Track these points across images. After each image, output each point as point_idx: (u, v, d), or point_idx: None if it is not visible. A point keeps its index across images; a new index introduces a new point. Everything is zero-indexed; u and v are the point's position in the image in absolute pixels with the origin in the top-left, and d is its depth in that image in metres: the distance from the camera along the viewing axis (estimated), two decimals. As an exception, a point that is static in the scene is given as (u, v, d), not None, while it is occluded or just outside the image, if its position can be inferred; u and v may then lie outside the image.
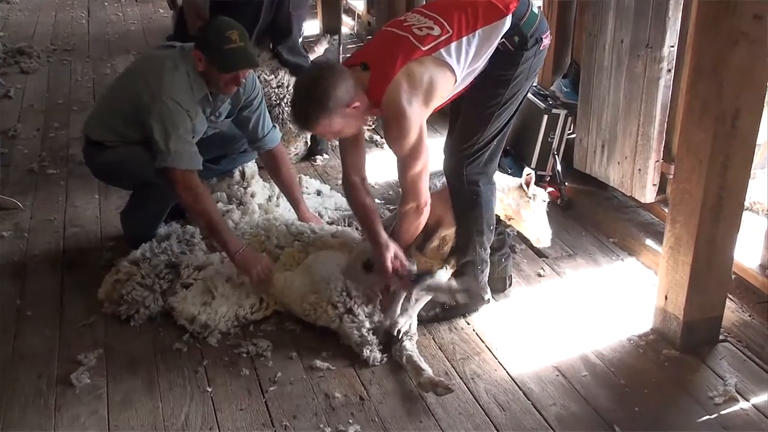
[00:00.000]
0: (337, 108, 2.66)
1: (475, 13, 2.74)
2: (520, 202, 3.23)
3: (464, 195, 2.97)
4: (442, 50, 2.71)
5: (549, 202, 3.41)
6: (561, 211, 3.88)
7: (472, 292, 2.95)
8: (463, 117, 2.98)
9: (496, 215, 3.15)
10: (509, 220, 3.29)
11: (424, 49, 2.70)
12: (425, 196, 2.86)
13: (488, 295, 3.18)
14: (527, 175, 3.22)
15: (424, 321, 3.05)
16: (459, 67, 2.73)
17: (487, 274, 3.15)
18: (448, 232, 3.08)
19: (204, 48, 3.16)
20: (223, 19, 3.21)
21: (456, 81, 2.77)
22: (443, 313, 3.09)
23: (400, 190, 2.95)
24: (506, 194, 3.20)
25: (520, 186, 3.22)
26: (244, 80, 3.27)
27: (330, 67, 2.78)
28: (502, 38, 2.76)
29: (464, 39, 2.72)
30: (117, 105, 3.34)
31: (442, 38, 2.72)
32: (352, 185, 2.97)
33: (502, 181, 3.15)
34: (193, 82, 3.21)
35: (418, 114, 2.69)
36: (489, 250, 3.10)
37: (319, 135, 2.99)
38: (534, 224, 3.28)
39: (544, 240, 3.32)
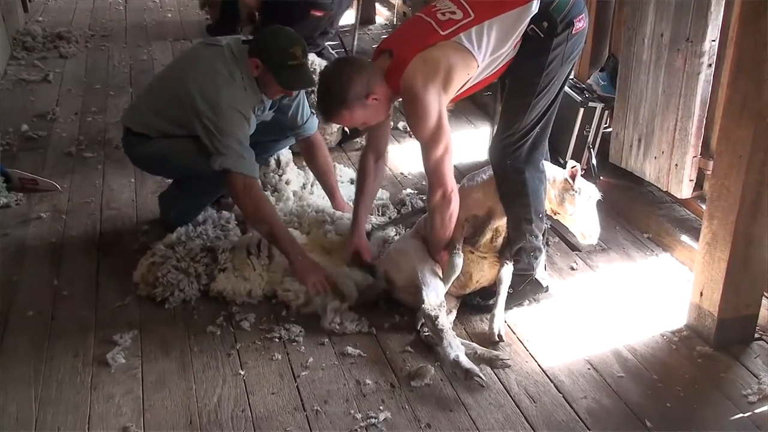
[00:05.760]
0: (355, 101, 2.79)
1: None
2: (565, 196, 3.09)
3: (510, 184, 2.95)
4: (462, 35, 2.71)
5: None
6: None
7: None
8: (503, 106, 2.99)
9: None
10: (555, 214, 3.19)
11: (442, 33, 2.72)
12: (451, 183, 2.84)
13: (546, 282, 3.17)
14: (572, 167, 3.08)
15: (475, 309, 3.12)
16: (480, 52, 2.73)
17: (543, 260, 3.15)
18: (500, 223, 3.01)
19: (265, 59, 3.16)
20: (285, 32, 3.21)
21: (478, 66, 2.76)
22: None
23: (426, 181, 2.94)
24: (551, 186, 3.09)
25: (566, 179, 3.10)
26: None
27: (348, 62, 2.95)
28: (530, 24, 2.74)
29: (486, 23, 2.71)
30: (164, 105, 3.34)
31: (463, 22, 2.72)
32: (365, 161, 3.19)
33: (548, 172, 3.07)
34: (248, 87, 3.22)
35: (434, 98, 2.69)
36: (541, 237, 3.08)
37: (346, 126, 3.06)
38: (581, 219, 3.14)
39: (591, 237, 3.17)
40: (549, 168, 3.10)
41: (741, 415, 2.57)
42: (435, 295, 2.87)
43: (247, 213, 3.24)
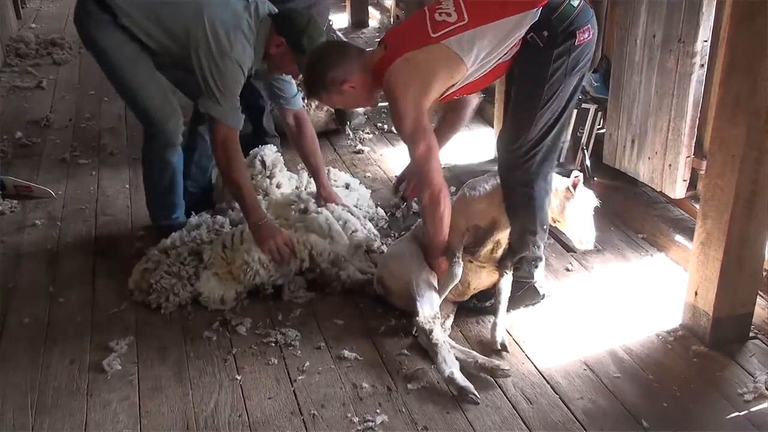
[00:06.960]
0: (332, 86, 2.87)
1: (503, 2, 2.70)
2: (566, 204, 3.10)
3: (518, 195, 2.93)
4: (451, 39, 2.70)
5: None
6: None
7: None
8: (509, 118, 2.94)
9: None
10: (554, 222, 3.19)
11: (432, 36, 2.72)
12: (438, 183, 2.80)
13: (544, 290, 3.16)
14: (575, 177, 3.08)
15: (471, 311, 3.12)
16: (469, 57, 2.70)
17: (543, 269, 3.15)
18: (502, 235, 3.00)
19: (293, 42, 3.22)
20: (319, 25, 3.29)
21: (467, 70, 2.74)
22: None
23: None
24: (554, 196, 3.07)
25: (567, 188, 3.10)
26: None
27: (335, 46, 3.04)
28: (530, 32, 2.70)
29: (478, 29, 2.69)
30: (164, 11, 3.23)
31: (455, 26, 2.71)
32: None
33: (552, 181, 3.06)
34: (257, 50, 3.27)
35: (412, 99, 2.71)
36: (542, 247, 3.07)
37: (325, 105, 3.11)
38: (578, 225, 3.15)
39: (588, 242, 3.19)
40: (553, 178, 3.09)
41: (737, 413, 2.57)
42: (429, 306, 2.85)
43: (220, 166, 3.28)
